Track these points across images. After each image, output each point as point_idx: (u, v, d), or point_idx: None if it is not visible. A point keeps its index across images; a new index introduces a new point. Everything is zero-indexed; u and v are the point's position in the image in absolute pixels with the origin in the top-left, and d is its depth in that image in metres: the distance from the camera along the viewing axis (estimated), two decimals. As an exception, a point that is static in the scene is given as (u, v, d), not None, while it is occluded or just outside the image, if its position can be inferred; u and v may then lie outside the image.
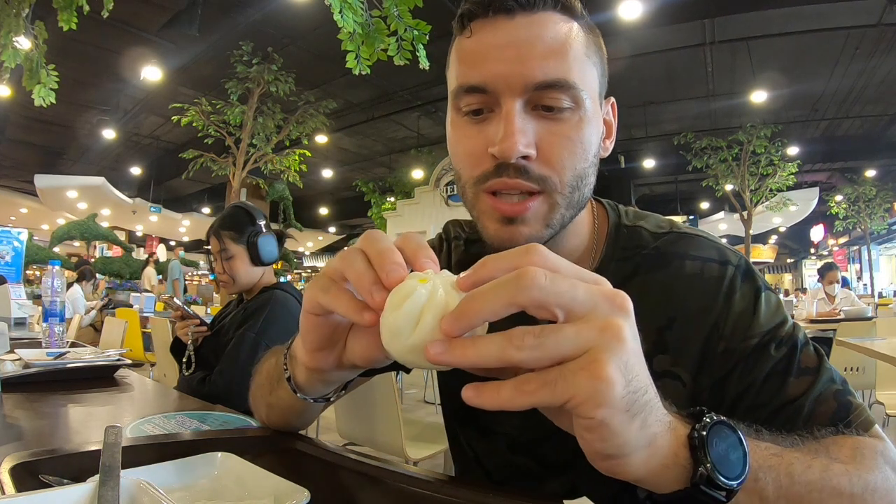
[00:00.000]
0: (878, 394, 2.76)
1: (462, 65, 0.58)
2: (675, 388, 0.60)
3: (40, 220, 18.29)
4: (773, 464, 0.42)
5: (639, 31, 6.61)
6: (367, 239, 0.42)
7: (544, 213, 0.57)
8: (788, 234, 19.40)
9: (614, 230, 0.68)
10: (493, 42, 0.55)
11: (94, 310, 6.42)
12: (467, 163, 0.59)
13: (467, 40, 0.58)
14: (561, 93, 0.54)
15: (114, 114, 10.73)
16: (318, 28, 7.09)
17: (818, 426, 0.52)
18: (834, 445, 0.49)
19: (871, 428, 0.54)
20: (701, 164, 10.91)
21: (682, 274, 0.63)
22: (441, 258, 0.78)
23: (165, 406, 0.99)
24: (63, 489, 0.42)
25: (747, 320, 0.59)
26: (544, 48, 0.54)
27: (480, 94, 0.56)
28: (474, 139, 0.57)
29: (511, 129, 0.53)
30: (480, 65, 0.56)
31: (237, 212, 1.76)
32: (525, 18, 0.55)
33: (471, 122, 0.58)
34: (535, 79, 0.54)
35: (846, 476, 0.45)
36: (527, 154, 0.54)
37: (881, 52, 7.84)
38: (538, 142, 0.55)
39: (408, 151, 12.57)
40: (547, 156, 0.55)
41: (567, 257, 0.63)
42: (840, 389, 0.56)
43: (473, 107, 0.57)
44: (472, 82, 0.56)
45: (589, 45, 0.58)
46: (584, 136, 0.57)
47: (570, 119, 0.56)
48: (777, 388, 0.56)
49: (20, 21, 3.58)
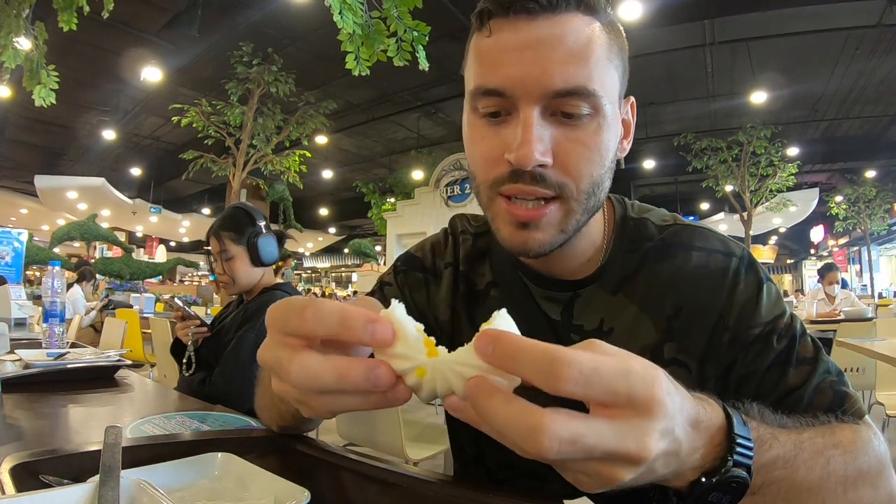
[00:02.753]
0: (878, 394, 2.76)
1: (480, 65, 0.57)
2: (681, 375, 0.61)
3: (40, 221, 18.29)
4: (778, 476, 0.43)
5: (639, 31, 6.60)
6: (301, 316, 0.37)
7: (560, 219, 0.57)
8: (788, 234, 19.39)
9: (621, 223, 0.69)
10: (513, 44, 0.54)
11: (94, 310, 6.41)
12: (483, 165, 0.58)
13: (486, 39, 0.56)
14: (581, 100, 0.53)
15: (114, 114, 10.74)
16: (318, 29, 7.09)
17: (820, 412, 0.54)
18: (838, 429, 0.52)
19: (863, 416, 0.57)
20: (701, 164, 10.91)
21: (687, 265, 0.64)
22: (447, 252, 0.79)
23: (165, 406, 0.99)
24: (63, 489, 0.42)
25: (751, 311, 0.61)
26: (565, 53, 0.53)
27: (498, 98, 0.55)
28: (490, 142, 0.57)
29: (528, 136, 0.52)
30: (499, 67, 0.54)
31: (237, 212, 1.76)
32: (547, 20, 0.53)
33: (488, 124, 0.57)
34: (555, 86, 0.52)
35: (842, 465, 0.47)
36: (543, 162, 0.53)
37: (881, 53, 7.84)
38: (555, 149, 0.54)
39: (408, 152, 12.57)
40: (564, 163, 0.55)
41: (578, 257, 0.66)
42: (836, 380, 0.59)
43: (491, 109, 0.56)
44: (490, 85, 0.55)
45: (611, 46, 0.57)
46: (602, 142, 0.56)
47: (589, 126, 0.55)
48: (778, 378, 0.59)
49: (20, 22, 3.58)
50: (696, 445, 0.37)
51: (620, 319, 0.65)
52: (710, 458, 0.39)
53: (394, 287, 0.79)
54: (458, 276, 0.77)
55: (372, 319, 0.34)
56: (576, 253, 0.66)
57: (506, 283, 0.72)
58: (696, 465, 0.38)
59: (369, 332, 0.34)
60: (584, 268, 0.67)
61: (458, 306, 0.75)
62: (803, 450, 0.45)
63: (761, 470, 0.41)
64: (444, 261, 0.78)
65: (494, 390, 0.32)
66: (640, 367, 0.33)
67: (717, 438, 0.39)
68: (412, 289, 0.79)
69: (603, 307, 0.66)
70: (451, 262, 0.77)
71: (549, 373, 0.30)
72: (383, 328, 0.34)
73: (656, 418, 0.33)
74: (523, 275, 0.71)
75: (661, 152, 11.89)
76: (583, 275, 0.67)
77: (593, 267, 0.67)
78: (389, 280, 0.80)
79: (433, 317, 0.77)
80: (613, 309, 0.65)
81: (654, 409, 0.33)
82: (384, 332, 0.34)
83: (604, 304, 0.66)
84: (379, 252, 16.15)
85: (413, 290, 0.78)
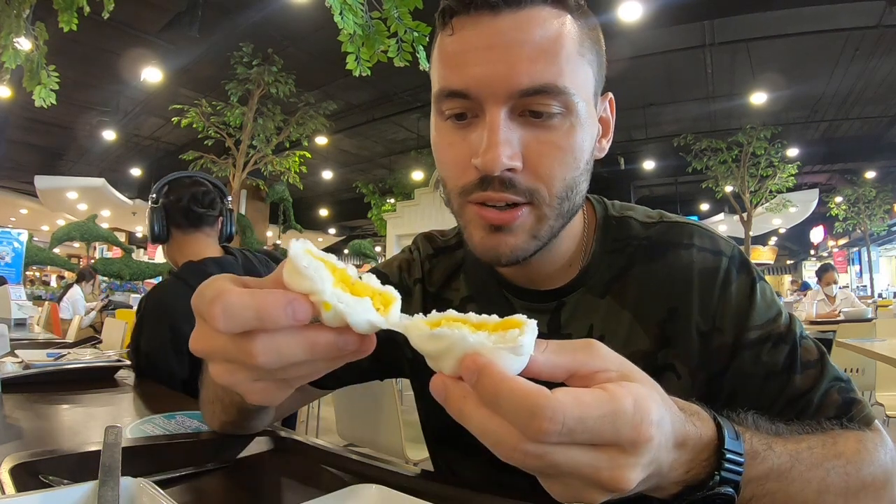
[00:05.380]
0: (878, 395, 2.76)
1: (443, 66, 0.54)
2: (673, 380, 0.59)
3: (40, 221, 18.27)
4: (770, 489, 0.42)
5: (639, 32, 6.60)
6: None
7: (531, 224, 0.54)
8: (788, 235, 19.37)
9: (603, 222, 0.66)
10: (476, 42, 0.51)
11: (94, 311, 6.41)
12: (452, 172, 0.55)
13: (449, 39, 0.53)
14: (550, 98, 0.50)
15: (114, 115, 10.73)
16: (319, 30, 7.08)
17: (825, 419, 0.53)
18: (841, 438, 0.50)
19: (871, 423, 0.55)
20: (701, 165, 10.91)
21: (677, 264, 0.61)
22: (415, 268, 0.76)
23: (165, 406, 0.99)
24: (63, 489, 0.42)
25: (744, 313, 0.59)
26: (532, 49, 0.50)
27: (463, 99, 0.52)
28: (458, 147, 0.54)
29: (494, 140, 0.49)
30: (462, 68, 0.51)
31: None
32: (511, 16, 0.50)
33: (454, 128, 0.54)
34: (522, 84, 0.49)
35: (843, 477, 0.46)
36: (511, 167, 0.50)
37: (881, 54, 7.84)
38: (525, 151, 0.51)
39: (408, 153, 12.56)
40: (535, 167, 0.51)
41: (558, 262, 0.63)
42: (844, 386, 0.57)
43: (456, 111, 0.53)
44: (454, 87, 0.52)
45: (583, 40, 0.53)
46: (576, 143, 0.53)
47: (561, 126, 0.52)
48: (784, 383, 0.57)
49: (21, 22, 3.58)
50: (679, 462, 0.37)
51: (611, 325, 0.62)
52: (695, 473, 0.38)
53: None
54: (427, 297, 0.73)
55: (289, 300, 0.32)
56: (555, 258, 0.63)
57: (484, 298, 0.68)
58: (679, 479, 0.37)
59: (290, 315, 0.32)
60: (566, 273, 0.64)
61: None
62: (800, 461, 0.44)
63: (753, 482, 0.41)
64: (413, 277, 0.75)
65: (468, 394, 0.31)
66: (630, 405, 0.31)
67: (704, 454, 0.38)
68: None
69: (591, 312, 0.63)
70: (419, 279, 0.74)
71: (529, 426, 0.29)
72: (301, 306, 0.32)
73: (640, 455, 0.32)
74: (504, 288, 0.67)
75: (661, 153, 11.89)
76: (565, 280, 0.64)
77: (575, 271, 0.64)
78: None
79: (402, 334, 0.74)
80: (602, 313, 0.62)
81: (639, 448, 0.32)
82: (303, 310, 0.32)
83: (592, 308, 0.63)
84: (379, 253, 16.13)
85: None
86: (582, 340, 0.35)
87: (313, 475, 0.62)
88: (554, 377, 0.33)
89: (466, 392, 0.31)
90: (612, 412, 0.30)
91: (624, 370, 0.34)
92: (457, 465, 0.72)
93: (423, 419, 0.78)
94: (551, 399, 0.29)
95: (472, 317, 0.34)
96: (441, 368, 0.33)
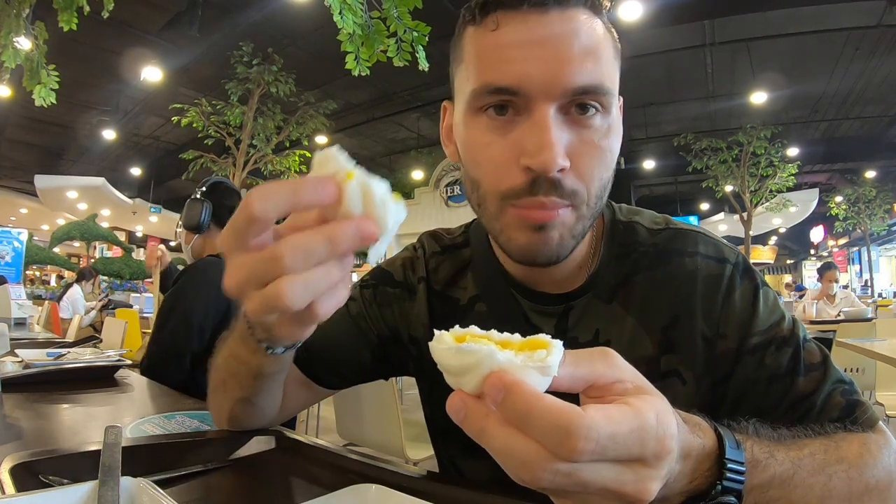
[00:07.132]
0: (878, 395, 2.76)
1: (484, 62, 0.52)
2: (677, 386, 0.59)
3: (40, 221, 18.28)
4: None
5: (639, 32, 6.60)
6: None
7: (571, 224, 0.54)
8: (788, 235, 19.40)
9: (611, 227, 0.66)
10: (526, 39, 0.50)
11: (94, 310, 6.41)
12: (492, 174, 0.53)
13: (492, 34, 0.51)
14: (596, 98, 0.50)
15: (114, 114, 10.73)
16: (318, 29, 7.09)
17: (828, 422, 0.53)
18: (844, 441, 0.50)
19: (875, 425, 0.55)
20: (701, 165, 10.92)
21: (682, 272, 0.62)
22: (419, 266, 0.75)
23: (165, 406, 0.99)
24: (63, 489, 0.42)
25: (747, 319, 0.59)
26: (581, 49, 0.50)
27: (508, 96, 0.50)
28: (498, 146, 0.52)
29: (549, 139, 0.48)
30: (510, 63, 0.50)
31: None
32: (559, 14, 0.50)
33: (493, 126, 0.52)
34: (574, 83, 0.49)
35: (846, 482, 0.46)
36: (564, 166, 0.50)
37: (881, 53, 7.85)
38: (570, 152, 0.50)
39: (408, 152, 12.57)
40: (578, 167, 0.51)
41: (570, 265, 0.63)
42: (847, 389, 0.57)
43: (495, 104, 0.52)
44: (501, 83, 0.50)
45: (614, 43, 0.55)
46: (612, 143, 0.53)
47: (600, 127, 0.52)
48: (787, 387, 0.57)
49: (20, 21, 3.58)
50: (684, 473, 0.37)
51: (616, 330, 0.62)
52: (697, 483, 0.38)
53: (358, 302, 0.75)
54: (432, 295, 0.73)
55: (316, 181, 0.34)
56: (568, 261, 0.62)
57: (493, 298, 0.68)
58: (682, 490, 0.38)
59: (318, 192, 0.34)
60: (575, 277, 0.64)
61: (437, 327, 0.72)
62: (802, 468, 0.44)
63: (755, 490, 0.41)
64: (418, 275, 0.74)
65: (490, 412, 0.31)
66: (653, 420, 0.31)
67: (706, 464, 0.38)
68: (381, 305, 0.74)
69: (598, 317, 0.63)
70: (423, 277, 0.74)
71: (563, 445, 0.28)
72: (328, 186, 0.34)
73: (662, 467, 0.32)
74: (513, 289, 0.66)
75: (661, 153, 11.90)
76: (574, 285, 0.64)
77: (584, 275, 0.64)
78: (355, 295, 0.75)
79: (407, 333, 0.73)
80: (609, 319, 0.62)
81: (662, 460, 0.32)
82: (329, 190, 0.34)
83: (599, 313, 0.63)
84: (379, 252, 16.14)
85: (383, 305, 0.74)
86: (597, 350, 0.34)
87: (313, 475, 0.62)
88: (573, 390, 0.33)
89: (488, 410, 0.31)
90: (640, 427, 0.31)
91: (638, 382, 0.34)
92: (461, 462, 0.72)
93: (429, 415, 0.78)
94: (585, 417, 0.29)
95: (495, 334, 0.33)
96: (461, 385, 0.32)
